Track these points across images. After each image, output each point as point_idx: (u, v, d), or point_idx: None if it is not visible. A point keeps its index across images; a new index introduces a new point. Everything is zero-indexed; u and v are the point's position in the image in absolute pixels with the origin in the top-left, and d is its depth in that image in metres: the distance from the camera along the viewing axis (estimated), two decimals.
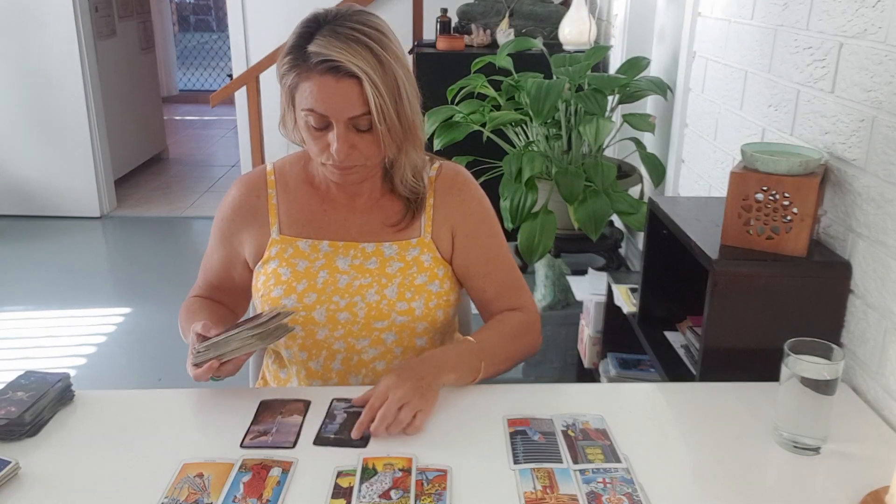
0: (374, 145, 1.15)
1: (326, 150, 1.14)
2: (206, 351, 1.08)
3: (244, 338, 1.08)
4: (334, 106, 1.10)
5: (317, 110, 1.10)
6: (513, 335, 1.27)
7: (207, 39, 10.31)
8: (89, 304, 3.34)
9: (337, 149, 1.12)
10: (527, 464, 0.99)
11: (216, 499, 0.92)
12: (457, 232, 1.28)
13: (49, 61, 4.20)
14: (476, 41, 3.59)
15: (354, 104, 1.09)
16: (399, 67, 1.11)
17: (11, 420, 1.03)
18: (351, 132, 1.13)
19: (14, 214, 4.44)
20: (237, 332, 1.08)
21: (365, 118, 1.11)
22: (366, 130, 1.13)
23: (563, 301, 2.66)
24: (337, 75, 1.08)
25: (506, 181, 2.40)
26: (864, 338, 1.24)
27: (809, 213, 1.26)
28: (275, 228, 1.27)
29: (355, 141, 1.13)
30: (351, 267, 1.24)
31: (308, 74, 1.10)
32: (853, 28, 1.31)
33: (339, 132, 1.11)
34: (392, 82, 1.10)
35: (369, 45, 1.08)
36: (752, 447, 1.04)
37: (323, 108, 1.10)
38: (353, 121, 1.11)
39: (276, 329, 1.11)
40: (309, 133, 1.15)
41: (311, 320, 1.22)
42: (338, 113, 1.10)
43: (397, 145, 1.16)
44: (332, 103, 1.10)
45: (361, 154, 1.15)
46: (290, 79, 1.12)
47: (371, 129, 1.13)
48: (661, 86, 2.46)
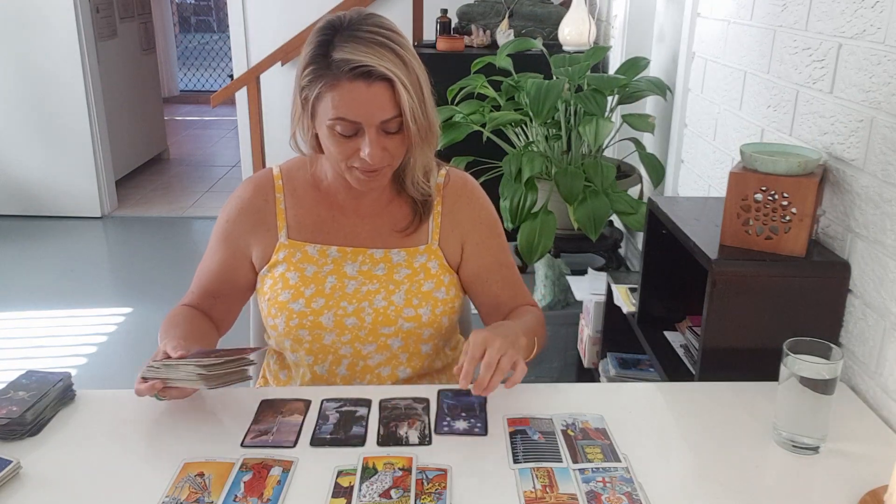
0: (402, 145, 1.15)
1: (354, 155, 1.13)
2: (157, 369, 1.05)
3: (190, 371, 1.04)
4: (366, 111, 1.09)
5: (348, 118, 1.09)
6: (538, 325, 1.29)
7: (208, 40, 10.32)
8: (90, 303, 3.35)
9: (370, 153, 1.11)
10: (526, 463, 0.99)
11: (217, 498, 0.92)
12: (467, 241, 1.29)
13: (50, 62, 4.21)
14: (476, 42, 3.59)
15: (386, 108, 1.09)
16: (418, 66, 1.12)
17: (13, 419, 1.04)
18: (381, 135, 1.12)
19: (15, 214, 4.45)
20: (191, 362, 1.05)
21: (395, 120, 1.11)
22: (395, 132, 1.13)
23: (563, 301, 2.66)
24: (368, 80, 1.07)
25: (506, 181, 2.40)
26: (863, 337, 1.25)
27: (808, 214, 1.26)
28: (283, 233, 1.26)
29: (385, 143, 1.13)
30: (359, 273, 1.24)
31: (335, 83, 1.08)
32: (852, 29, 1.31)
33: (371, 137, 1.10)
34: (416, 81, 1.11)
35: (392, 48, 1.08)
36: (751, 447, 1.05)
37: (355, 114, 1.09)
38: (384, 124, 1.11)
39: (228, 374, 1.07)
40: (334, 140, 1.13)
41: (319, 325, 1.21)
42: (370, 118, 1.09)
43: (422, 142, 1.16)
44: (364, 109, 1.09)
45: (390, 154, 1.14)
46: (316, 89, 1.10)
47: (400, 130, 1.12)
48: (661, 86, 2.46)
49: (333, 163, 1.18)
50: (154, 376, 1.05)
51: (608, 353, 1.97)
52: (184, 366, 1.04)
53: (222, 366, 1.06)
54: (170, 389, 1.06)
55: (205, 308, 1.31)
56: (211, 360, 1.05)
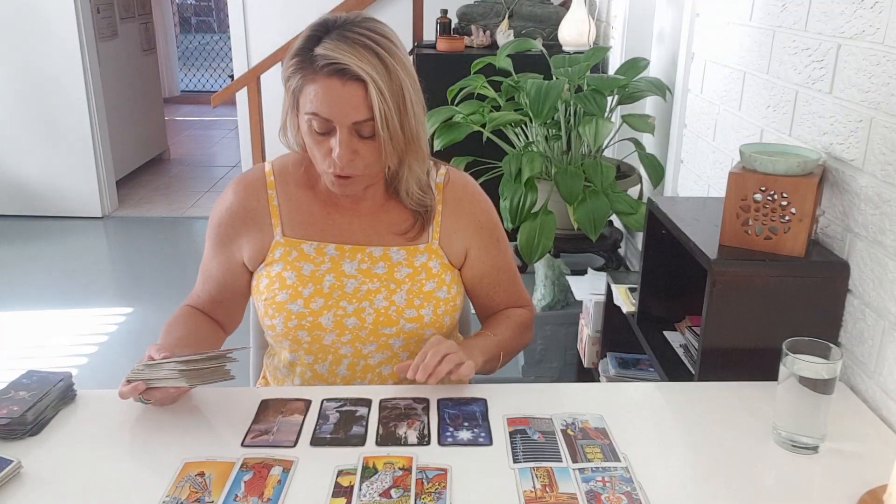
0: (376, 153, 1.14)
1: (329, 157, 1.13)
2: (141, 371, 1.06)
3: (171, 369, 1.05)
4: (338, 109, 1.09)
5: (321, 114, 1.10)
6: (521, 330, 1.35)
7: (209, 40, 10.31)
8: (91, 303, 3.35)
9: (339, 154, 1.11)
10: (526, 463, 0.99)
11: (217, 497, 0.93)
12: (470, 246, 1.30)
13: (51, 62, 4.21)
14: (476, 42, 3.60)
15: (358, 108, 1.09)
16: (406, 76, 1.11)
17: (13, 419, 1.04)
18: (354, 138, 1.12)
19: (16, 214, 4.45)
20: (172, 360, 1.06)
21: (368, 124, 1.10)
22: (368, 137, 1.12)
23: (563, 301, 2.66)
24: (343, 78, 1.08)
25: (505, 181, 2.40)
26: (862, 337, 1.25)
27: (808, 214, 1.26)
28: (278, 230, 1.25)
29: (358, 147, 1.12)
30: (358, 271, 1.23)
31: (314, 77, 1.09)
32: (851, 29, 1.32)
33: (341, 137, 1.11)
34: (398, 90, 1.10)
35: (377, 51, 1.08)
36: (751, 446, 1.05)
37: (327, 111, 1.10)
38: (357, 126, 1.11)
39: (211, 372, 1.07)
40: (312, 138, 1.14)
41: (318, 326, 1.21)
42: (341, 117, 1.10)
43: (399, 155, 1.15)
44: (336, 107, 1.09)
45: (363, 161, 1.14)
46: (296, 81, 1.12)
47: (374, 136, 1.12)
48: (661, 86, 2.47)
49: (316, 164, 1.18)
50: (137, 378, 1.05)
51: (608, 353, 1.97)
52: (165, 364, 1.05)
53: (203, 362, 1.06)
54: (153, 391, 1.06)
55: (209, 309, 1.32)
56: (192, 357, 1.06)
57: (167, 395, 1.08)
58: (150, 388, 1.06)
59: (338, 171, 1.14)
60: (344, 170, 1.14)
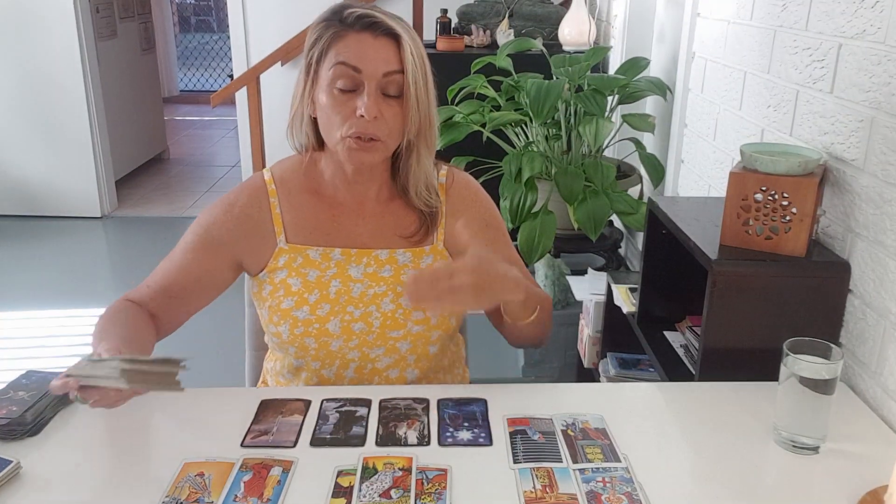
0: (399, 118, 1.14)
1: (351, 118, 1.11)
2: (83, 367, 0.95)
3: (113, 367, 0.92)
4: (370, 60, 1.10)
5: (350, 62, 1.10)
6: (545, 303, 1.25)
7: (208, 40, 10.31)
8: (90, 303, 3.35)
9: (367, 106, 1.09)
10: (526, 463, 0.99)
11: (217, 498, 0.92)
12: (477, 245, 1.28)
13: (50, 62, 4.21)
14: (476, 42, 3.60)
15: (389, 61, 1.11)
16: (426, 56, 1.15)
17: (13, 419, 1.04)
18: (380, 98, 1.12)
19: (15, 214, 4.45)
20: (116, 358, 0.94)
21: (396, 79, 1.11)
22: (394, 97, 1.13)
23: (563, 301, 2.66)
24: (375, 32, 1.10)
25: (506, 181, 2.40)
26: (863, 337, 1.25)
27: (808, 214, 1.26)
28: (281, 238, 1.22)
29: (383, 108, 1.12)
30: (364, 275, 1.22)
31: (344, 33, 1.11)
32: (852, 29, 1.31)
33: (369, 90, 1.10)
34: (424, 58, 1.13)
35: (404, 24, 1.13)
36: (752, 446, 1.05)
37: (357, 60, 1.10)
38: (386, 80, 1.11)
39: (157, 379, 0.95)
40: (334, 99, 1.12)
41: (325, 332, 1.19)
42: (372, 68, 1.10)
43: (417, 128, 1.15)
44: (367, 57, 1.10)
45: (386, 126, 1.13)
46: (323, 42, 1.12)
47: (400, 96, 1.12)
48: (661, 86, 2.46)
49: (329, 135, 1.15)
50: (77, 373, 0.94)
51: (608, 353, 1.97)
52: (109, 361, 0.94)
53: (150, 365, 0.96)
54: (90, 390, 0.94)
55: (154, 306, 1.24)
56: (138, 358, 0.96)
57: (105, 397, 0.95)
58: (87, 387, 0.94)
59: (361, 130, 1.12)
60: (368, 129, 1.11)
